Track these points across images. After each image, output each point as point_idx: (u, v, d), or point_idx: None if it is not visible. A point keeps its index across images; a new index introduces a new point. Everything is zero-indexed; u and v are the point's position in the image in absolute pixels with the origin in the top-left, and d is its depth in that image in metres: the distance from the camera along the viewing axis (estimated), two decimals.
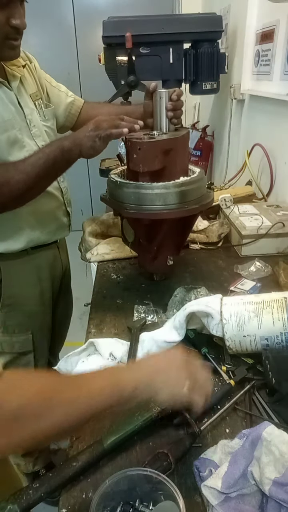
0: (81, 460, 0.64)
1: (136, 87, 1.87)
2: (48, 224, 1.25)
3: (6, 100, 1.10)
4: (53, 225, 1.27)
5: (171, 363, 0.66)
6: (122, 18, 1.81)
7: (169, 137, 1.01)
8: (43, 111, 1.24)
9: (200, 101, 3.00)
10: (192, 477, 0.63)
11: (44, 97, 1.27)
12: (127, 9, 3.38)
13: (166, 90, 1.04)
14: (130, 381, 0.62)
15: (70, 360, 0.89)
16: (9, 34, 1.00)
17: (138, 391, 0.61)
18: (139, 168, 0.98)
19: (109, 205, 1.10)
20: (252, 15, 1.80)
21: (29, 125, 1.16)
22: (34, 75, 1.25)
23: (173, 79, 1.94)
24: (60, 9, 3.55)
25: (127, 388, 0.60)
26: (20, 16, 0.98)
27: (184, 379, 0.63)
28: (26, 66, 1.21)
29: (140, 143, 0.95)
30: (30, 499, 0.59)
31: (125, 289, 1.16)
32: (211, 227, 1.42)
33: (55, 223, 1.29)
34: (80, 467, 0.64)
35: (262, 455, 0.59)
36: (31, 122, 1.16)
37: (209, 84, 1.98)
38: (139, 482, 0.59)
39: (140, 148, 0.95)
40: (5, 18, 0.97)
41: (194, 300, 0.91)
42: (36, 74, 1.26)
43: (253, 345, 0.82)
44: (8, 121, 1.09)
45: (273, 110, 1.64)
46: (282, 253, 1.30)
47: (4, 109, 1.09)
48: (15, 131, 1.11)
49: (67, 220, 1.35)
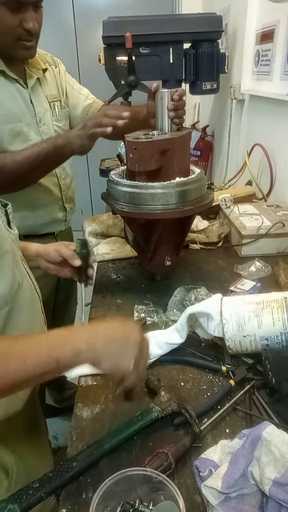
0: (81, 460, 0.64)
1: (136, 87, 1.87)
2: (42, 216, 1.33)
3: (17, 96, 1.20)
4: (46, 218, 1.35)
5: (122, 333, 0.65)
6: (122, 18, 1.80)
7: (167, 137, 1.01)
8: (57, 112, 1.33)
9: (200, 101, 3.00)
10: (192, 477, 0.63)
11: (63, 99, 1.37)
12: (127, 9, 3.38)
13: (168, 90, 1.04)
14: (70, 346, 0.61)
15: None
16: (22, 36, 1.11)
17: (79, 357, 0.61)
18: (135, 167, 0.98)
19: (107, 203, 1.11)
20: (252, 15, 1.80)
21: (39, 122, 1.26)
22: (57, 79, 1.36)
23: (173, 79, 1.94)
24: (60, 9, 3.55)
25: (65, 353, 0.61)
26: (32, 20, 1.09)
27: (132, 355, 0.63)
28: (48, 70, 1.32)
29: (136, 143, 0.96)
30: (30, 499, 0.59)
31: (125, 289, 1.16)
32: (211, 227, 1.42)
33: (49, 217, 1.36)
34: (80, 467, 0.64)
35: (262, 455, 0.59)
36: (41, 120, 1.26)
37: (209, 84, 1.98)
38: (139, 482, 0.59)
39: (136, 147, 0.95)
40: (18, 21, 1.08)
41: (195, 304, 0.90)
42: (58, 78, 1.37)
43: (253, 345, 0.82)
44: (15, 114, 1.19)
45: (273, 110, 1.64)
46: (282, 253, 1.30)
47: (13, 103, 1.18)
48: (22, 124, 1.20)
49: (63, 215, 1.42)
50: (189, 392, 0.80)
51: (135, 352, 0.63)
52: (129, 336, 0.65)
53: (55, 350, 0.62)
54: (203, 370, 0.85)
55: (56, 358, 0.61)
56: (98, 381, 0.84)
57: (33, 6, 1.08)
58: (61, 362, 0.61)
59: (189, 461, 0.65)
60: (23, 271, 0.90)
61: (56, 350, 0.61)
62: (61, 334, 0.65)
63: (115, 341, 0.64)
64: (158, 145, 0.98)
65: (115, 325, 0.68)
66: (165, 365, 0.87)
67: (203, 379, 0.83)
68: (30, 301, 0.91)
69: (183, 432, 0.71)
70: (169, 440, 0.68)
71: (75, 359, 0.62)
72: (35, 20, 1.10)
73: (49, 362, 0.61)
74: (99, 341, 0.63)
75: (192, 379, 0.83)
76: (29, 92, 1.23)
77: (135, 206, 1.00)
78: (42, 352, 0.62)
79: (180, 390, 0.79)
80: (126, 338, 0.65)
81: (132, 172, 1.01)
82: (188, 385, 0.81)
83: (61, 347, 0.62)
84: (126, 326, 0.68)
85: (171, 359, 0.88)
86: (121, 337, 0.65)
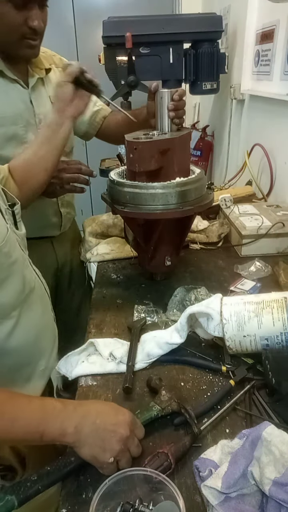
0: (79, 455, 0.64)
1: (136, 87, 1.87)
2: (34, 221, 1.27)
3: (15, 97, 1.15)
4: (39, 222, 1.31)
5: (111, 425, 0.64)
6: (122, 18, 1.80)
7: (167, 137, 1.01)
8: None
9: (200, 101, 3.00)
10: (192, 477, 0.63)
11: None
12: (127, 9, 3.38)
13: (168, 90, 1.04)
14: (59, 424, 0.62)
15: (70, 360, 0.89)
16: (26, 34, 1.07)
17: (63, 438, 0.62)
18: (135, 167, 0.98)
19: (106, 203, 1.10)
20: (252, 15, 1.80)
21: (37, 124, 1.21)
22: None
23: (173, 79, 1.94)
24: (60, 9, 3.55)
25: (52, 430, 0.62)
26: (37, 18, 1.05)
27: (114, 451, 0.62)
28: (53, 70, 1.29)
29: (136, 143, 0.96)
30: (28, 492, 0.60)
31: (125, 289, 1.16)
32: (211, 227, 1.42)
33: (43, 221, 1.32)
34: (78, 463, 0.64)
35: (262, 455, 0.59)
36: (42, 121, 1.21)
37: (209, 84, 1.98)
38: (139, 482, 0.59)
39: (136, 148, 0.95)
40: (23, 19, 1.03)
41: (195, 304, 0.90)
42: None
43: (253, 345, 0.82)
44: (8, 118, 1.14)
45: (273, 110, 1.64)
46: (282, 253, 1.30)
47: (8, 105, 1.13)
48: (17, 127, 1.16)
49: (57, 221, 1.37)
50: (189, 392, 0.80)
51: (118, 449, 0.62)
52: (117, 429, 0.63)
53: (44, 423, 0.62)
54: (203, 370, 0.85)
55: (43, 431, 0.62)
56: (98, 381, 0.84)
57: (39, 4, 1.05)
58: (45, 437, 0.62)
59: (189, 461, 0.65)
60: (33, 274, 0.92)
61: (44, 424, 0.62)
62: (55, 407, 0.65)
63: (101, 432, 0.62)
64: (158, 145, 0.98)
65: (108, 412, 0.66)
66: (165, 365, 0.87)
67: (203, 379, 0.83)
68: (41, 300, 0.93)
69: (183, 432, 0.71)
70: (169, 440, 0.68)
71: (58, 438, 0.62)
72: (41, 18, 1.07)
73: (35, 432, 0.62)
74: (86, 428, 0.62)
75: (192, 379, 0.83)
76: (29, 92, 1.19)
77: (135, 206, 0.99)
78: (32, 421, 0.63)
79: (180, 390, 0.79)
80: (113, 431, 0.63)
81: (132, 172, 1.01)
82: (188, 385, 0.81)
83: (51, 423, 0.62)
84: (118, 417, 0.65)
85: (171, 359, 0.88)
86: (108, 429, 0.63)
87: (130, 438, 0.64)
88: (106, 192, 1.11)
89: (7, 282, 0.79)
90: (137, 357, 0.87)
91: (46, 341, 0.95)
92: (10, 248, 0.79)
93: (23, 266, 0.85)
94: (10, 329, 0.82)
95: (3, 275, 0.78)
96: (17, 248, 0.84)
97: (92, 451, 0.62)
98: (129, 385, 0.79)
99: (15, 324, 0.82)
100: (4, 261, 0.77)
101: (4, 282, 0.78)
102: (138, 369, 0.86)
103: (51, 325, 1.00)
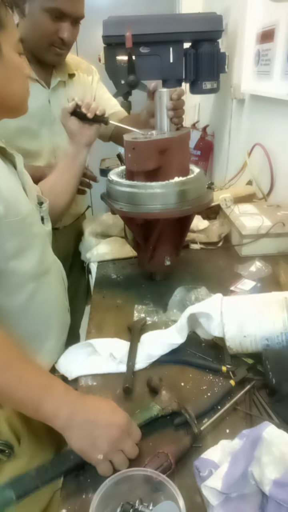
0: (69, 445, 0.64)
1: (136, 87, 1.88)
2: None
3: (33, 94, 1.26)
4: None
5: (104, 422, 0.63)
6: (122, 17, 1.81)
7: (165, 137, 1.01)
8: None
9: (200, 100, 2.99)
10: (192, 477, 0.62)
11: None
12: (127, 8, 3.36)
13: (167, 90, 1.04)
14: (55, 404, 0.63)
15: (69, 357, 0.89)
16: (55, 43, 1.22)
17: (54, 420, 0.63)
18: (134, 167, 0.98)
19: (106, 203, 1.10)
20: (252, 15, 1.80)
21: (53, 121, 1.32)
22: (87, 86, 1.46)
23: (173, 78, 1.94)
24: None
25: (48, 406, 0.63)
26: (67, 31, 1.21)
27: (102, 449, 0.62)
28: (78, 76, 1.42)
29: (135, 143, 0.95)
30: (26, 487, 0.60)
31: (125, 289, 1.16)
32: (211, 227, 1.41)
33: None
34: (77, 460, 0.64)
35: (262, 455, 0.59)
36: (56, 120, 1.31)
37: (209, 83, 1.98)
38: (139, 482, 0.59)
39: (135, 147, 0.95)
40: (55, 29, 1.19)
41: (195, 304, 0.90)
42: (90, 86, 1.47)
43: (253, 345, 0.82)
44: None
45: (273, 109, 1.63)
46: (282, 253, 1.30)
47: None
48: (31, 121, 1.27)
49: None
50: (189, 392, 0.79)
51: (106, 448, 0.62)
52: (109, 429, 0.63)
53: (44, 395, 0.64)
54: (203, 370, 0.85)
55: (39, 403, 0.63)
56: (98, 381, 0.83)
57: (72, 20, 1.21)
58: (39, 410, 0.63)
59: (189, 461, 0.65)
60: (53, 257, 1.02)
61: (44, 396, 0.63)
62: (59, 387, 0.66)
63: (92, 428, 0.62)
64: (156, 144, 0.97)
65: (105, 411, 0.66)
66: (165, 365, 0.87)
67: (203, 379, 0.83)
68: (56, 286, 1.01)
69: (183, 432, 0.71)
70: (169, 440, 0.68)
71: (51, 418, 0.63)
72: (71, 32, 1.22)
73: (34, 399, 0.63)
74: (78, 420, 0.63)
75: (192, 379, 0.83)
76: (49, 92, 1.32)
77: (134, 206, 0.99)
78: (35, 387, 0.64)
79: (180, 390, 0.79)
80: (105, 430, 0.63)
81: (131, 172, 1.01)
82: (188, 385, 0.81)
83: (49, 399, 0.63)
84: (114, 417, 0.65)
85: (171, 359, 0.88)
86: (100, 427, 0.63)
87: (122, 440, 0.63)
88: (105, 192, 1.11)
89: (28, 252, 0.87)
90: (137, 357, 0.87)
91: (56, 326, 1.00)
92: (32, 221, 0.88)
93: (43, 245, 0.94)
94: (24, 301, 0.88)
95: (26, 243, 0.86)
96: (39, 225, 0.94)
97: (81, 445, 0.62)
98: (129, 385, 0.79)
99: (29, 297, 0.89)
100: (27, 231, 0.86)
101: (26, 251, 0.86)
102: (138, 369, 0.85)
103: (63, 313, 1.05)
